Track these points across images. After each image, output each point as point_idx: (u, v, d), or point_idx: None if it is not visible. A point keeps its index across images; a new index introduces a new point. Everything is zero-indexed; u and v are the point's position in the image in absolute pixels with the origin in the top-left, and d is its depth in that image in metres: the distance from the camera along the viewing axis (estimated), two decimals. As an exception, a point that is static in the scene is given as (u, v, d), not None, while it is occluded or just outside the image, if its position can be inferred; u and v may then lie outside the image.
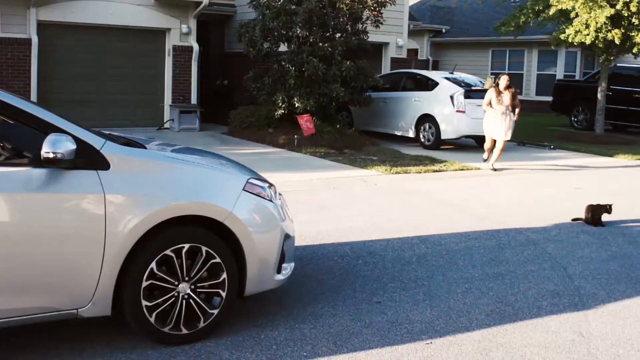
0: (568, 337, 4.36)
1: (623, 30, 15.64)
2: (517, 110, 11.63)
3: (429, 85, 14.80)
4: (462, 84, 14.51)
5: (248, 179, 4.31)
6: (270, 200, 4.39)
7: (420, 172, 10.99)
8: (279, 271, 4.41)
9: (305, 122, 13.32)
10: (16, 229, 3.50)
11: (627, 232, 7.33)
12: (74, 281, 3.65)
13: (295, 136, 13.37)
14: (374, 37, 15.92)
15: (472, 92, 14.21)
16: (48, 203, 3.57)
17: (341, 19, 14.30)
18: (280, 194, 4.68)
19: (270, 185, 4.56)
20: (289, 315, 4.52)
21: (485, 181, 10.72)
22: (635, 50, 16.14)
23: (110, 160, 3.72)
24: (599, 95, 17.48)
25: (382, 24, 14.75)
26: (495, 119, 11.49)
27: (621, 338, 4.39)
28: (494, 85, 11.83)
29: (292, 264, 4.65)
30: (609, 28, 15.56)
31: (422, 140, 14.52)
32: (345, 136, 14.01)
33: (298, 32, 14.22)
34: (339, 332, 4.27)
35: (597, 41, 15.89)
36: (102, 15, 14.62)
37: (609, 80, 17.95)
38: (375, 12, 14.50)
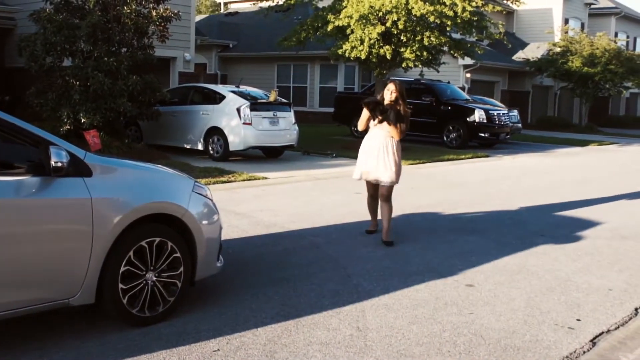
0: (347, 333, 4.67)
1: (393, 47, 17.01)
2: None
3: (217, 98, 14.99)
4: (249, 97, 14.87)
5: (195, 182, 5.14)
6: (210, 199, 5.20)
7: (209, 184, 11.10)
8: (218, 258, 5.26)
9: (92, 138, 12.81)
10: (18, 230, 3.89)
11: (399, 232, 7.99)
12: (68, 274, 4.16)
13: (82, 152, 12.84)
14: (161, 51, 15.79)
15: (258, 105, 14.66)
16: (44, 207, 4.01)
17: (127, 34, 14.01)
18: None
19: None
20: (76, 333, 4.40)
21: (272, 190, 11.09)
22: (404, 65, 17.51)
23: (93, 168, 4.25)
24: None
25: (168, 38, 14.69)
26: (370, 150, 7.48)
27: (394, 328, 4.80)
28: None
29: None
30: (381, 44, 16.84)
31: (211, 152, 14.66)
32: (134, 151, 13.71)
33: (82, 46, 13.73)
34: (127, 348, 4.24)
35: (371, 56, 17.09)
36: None
37: (384, 92, 19.36)
38: (161, 27, 14.38)
